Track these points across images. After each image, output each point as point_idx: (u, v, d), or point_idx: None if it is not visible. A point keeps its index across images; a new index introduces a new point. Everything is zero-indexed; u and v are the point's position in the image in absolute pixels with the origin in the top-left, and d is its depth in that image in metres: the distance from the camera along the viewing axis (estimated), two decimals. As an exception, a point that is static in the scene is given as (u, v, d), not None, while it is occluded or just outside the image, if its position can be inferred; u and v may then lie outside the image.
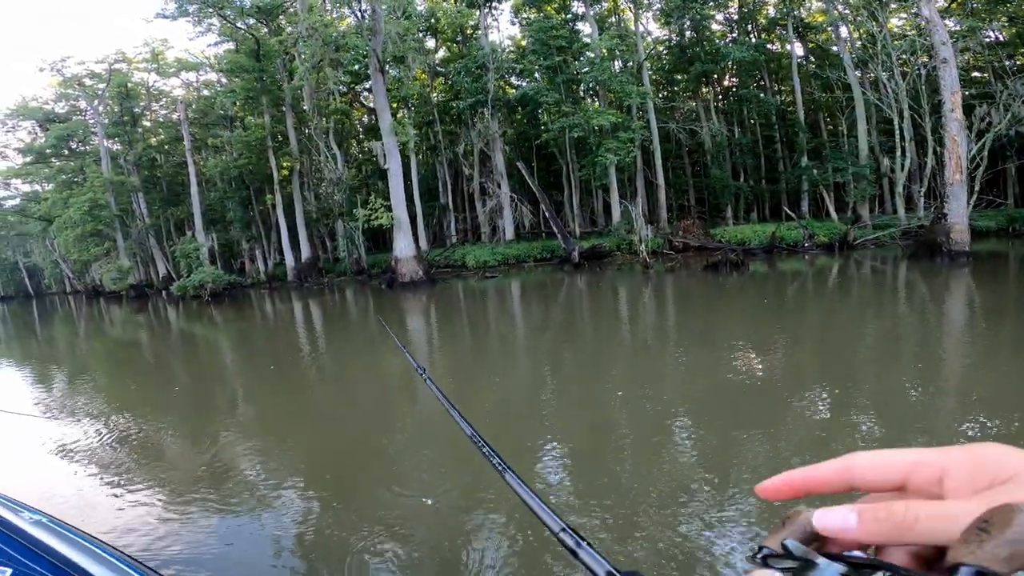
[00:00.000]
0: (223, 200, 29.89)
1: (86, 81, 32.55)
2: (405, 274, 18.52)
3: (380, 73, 19.78)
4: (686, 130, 26.32)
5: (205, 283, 22.97)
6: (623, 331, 9.48)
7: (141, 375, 9.90)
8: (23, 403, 7.40)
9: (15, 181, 42.10)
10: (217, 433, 5.53)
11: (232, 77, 28.55)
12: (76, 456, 5.02)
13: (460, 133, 26.67)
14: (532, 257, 22.21)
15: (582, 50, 25.17)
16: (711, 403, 4.88)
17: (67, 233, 30.81)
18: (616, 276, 17.93)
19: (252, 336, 13.60)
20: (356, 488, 3.88)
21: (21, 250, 53.12)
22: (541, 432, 4.58)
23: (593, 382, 5.99)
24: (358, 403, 6.13)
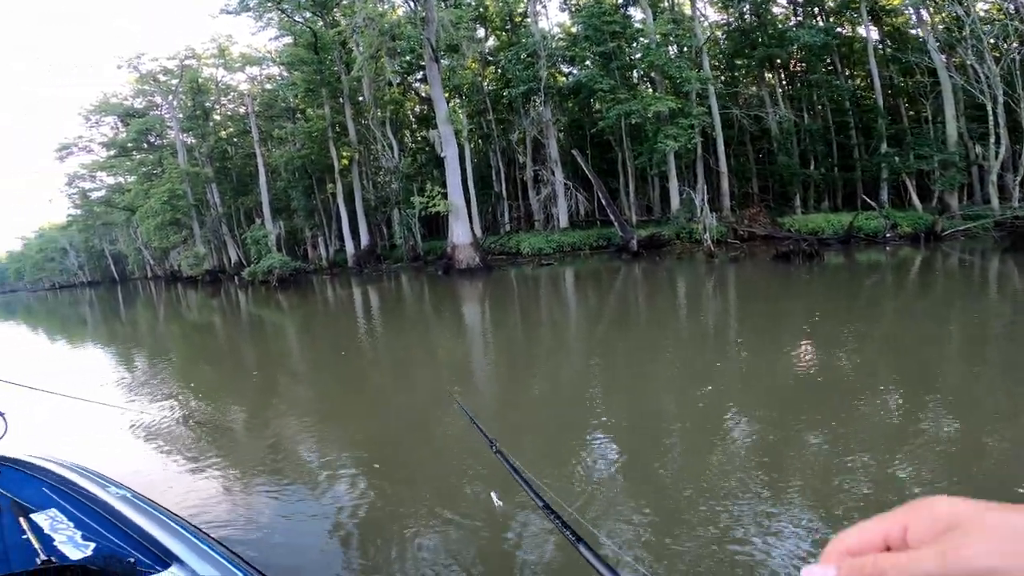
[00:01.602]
0: (287, 189, 31.22)
1: (160, 77, 34.40)
2: (462, 261, 18.69)
3: (435, 62, 19.93)
4: (750, 116, 25.10)
5: (273, 269, 24.08)
6: (687, 321, 9.18)
7: (216, 358, 10.45)
8: (108, 383, 7.87)
9: (100, 174, 45.61)
10: (283, 415, 5.73)
11: (292, 70, 29.67)
12: (154, 435, 5.27)
13: (513, 121, 26.57)
14: (588, 245, 21.91)
15: (636, 35, 24.43)
16: (775, 400, 4.59)
17: (149, 222, 33.07)
18: (677, 265, 17.37)
19: (318, 322, 14.12)
20: (411, 475, 3.88)
21: (107, 238, 57.63)
22: (591, 423, 4.45)
23: (655, 374, 5.79)
24: (416, 390, 6.16)
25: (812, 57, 24.44)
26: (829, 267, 14.00)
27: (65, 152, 43.05)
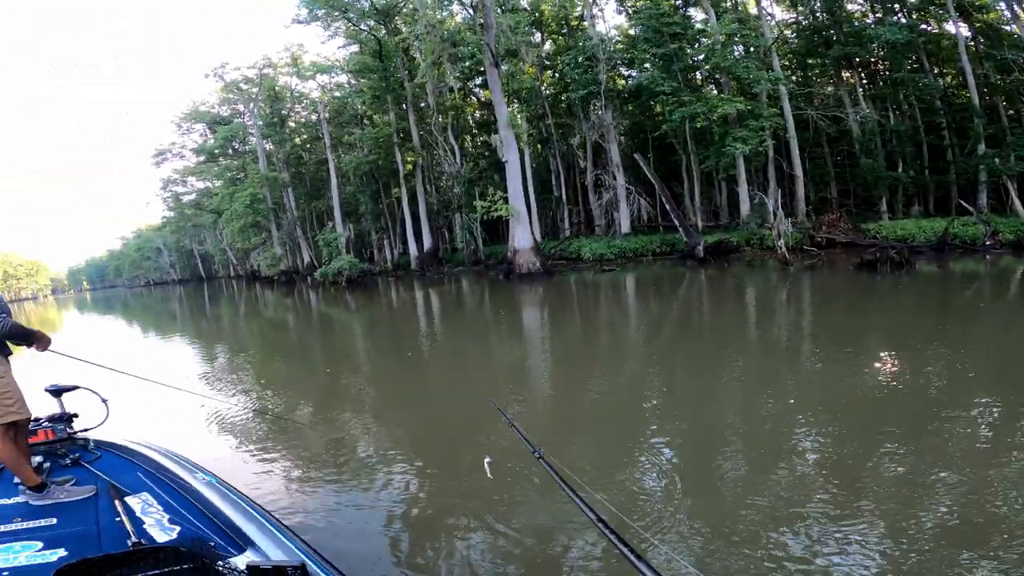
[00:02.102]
0: (356, 194, 32.61)
1: (242, 86, 36.60)
2: (522, 265, 18.80)
3: (495, 67, 20.17)
4: (827, 117, 23.68)
5: (342, 270, 25.24)
6: (758, 330, 8.76)
7: (291, 355, 10.97)
8: (193, 374, 8.41)
9: (191, 178, 49.55)
10: (350, 411, 5.92)
11: (359, 77, 30.93)
12: (232, 424, 5.59)
13: (573, 125, 26.46)
14: (650, 251, 21.43)
15: (698, 36, 23.71)
16: (853, 416, 4.22)
17: (233, 224, 35.53)
18: (747, 272, 16.64)
19: (384, 322, 14.63)
20: (467, 474, 3.91)
21: (196, 239, 62.50)
22: (647, 433, 4.29)
23: (721, 384, 5.53)
24: (475, 392, 6.19)
25: (896, 55, 22.76)
26: (920, 276, 12.94)
27: (161, 158, 47.06)
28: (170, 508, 2.29)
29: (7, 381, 2.62)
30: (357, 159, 30.43)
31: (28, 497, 2.49)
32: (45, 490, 2.49)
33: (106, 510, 2.33)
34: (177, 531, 2.11)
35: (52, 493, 2.48)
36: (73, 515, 2.33)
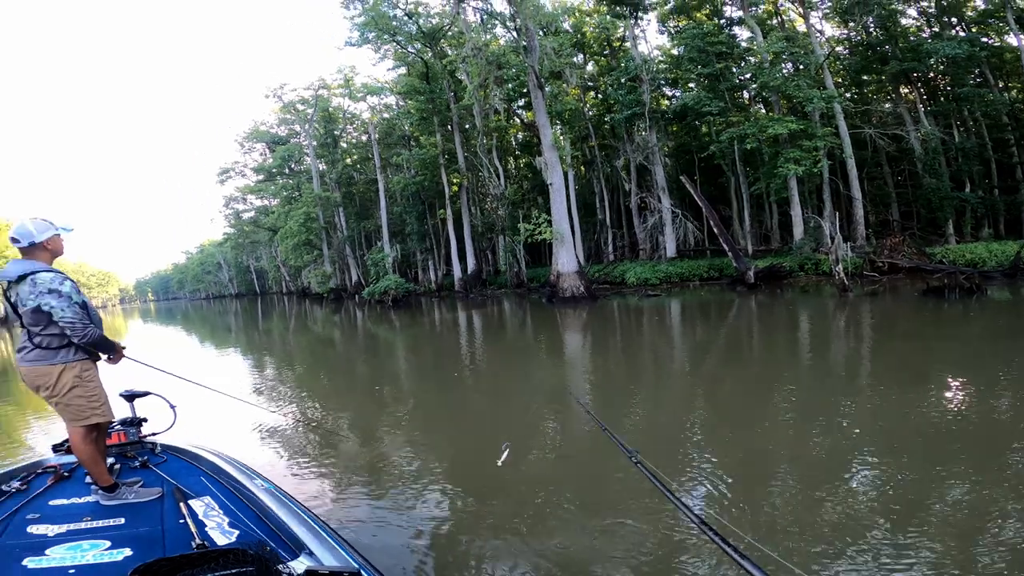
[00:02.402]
0: (403, 215, 33.44)
1: (298, 107, 38.03)
2: (566, 289, 18.74)
3: (539, 89, 20.37)
4: (886, 135, 22.70)
5: (389, 289, 25.87)
6: (814, 357, 8.40)
7: (341, 370, 11.33)
8: (249, 385, 8.86)
9: (251, 196, 52.16)
10: (398, 427, 6.13)
11: (407, 99, 31.88)
12: (286, 434, 5.90)
13: (617, 147, 26.37)
14: (698, 276, 20.96)
15: (744, 55, 23.31)
16: (916, 450, 3.97)
17: (287, 242, 37.09)
18: (801, 299, 16.02)
19: (431, 341, 14.84)
20: (503, 497, 3.94)
21: (253, 255, 65.59)
22: (688, 461, 4.16)
23: (772, 412, 5.31)
24: (517, 414, 6.23)
25: (957, 69, 21.67)
26: (992, 303, 12.12)
27: (224, 176, 49.79)
28: (230, 512, 2.37)
29: (95, 385, 2.77)
30: (405, 180, 31.23)
31: (99, 497, 2.60)
32: (116, 491, 2.61)
33: (171, 512, 2.43)
34: (236, 535, 2.18)
35: (122, 494, 2.60)
36: (140, 516, 2.42)
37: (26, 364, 2.68)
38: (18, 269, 2.66)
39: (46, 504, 2.56)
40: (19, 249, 2.73)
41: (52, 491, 2.72)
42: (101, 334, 2.76)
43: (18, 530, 2.27)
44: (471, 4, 23.53)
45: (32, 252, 2.72)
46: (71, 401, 2.67)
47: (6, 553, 2.05)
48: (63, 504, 2.58)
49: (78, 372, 2.69)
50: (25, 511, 2.45)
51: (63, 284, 2.64)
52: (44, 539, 2.19)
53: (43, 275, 2.63)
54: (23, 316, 2.68)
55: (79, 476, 2.86)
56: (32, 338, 2.66)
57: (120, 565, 1.97)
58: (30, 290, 2.62)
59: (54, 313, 2.60)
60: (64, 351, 2.67)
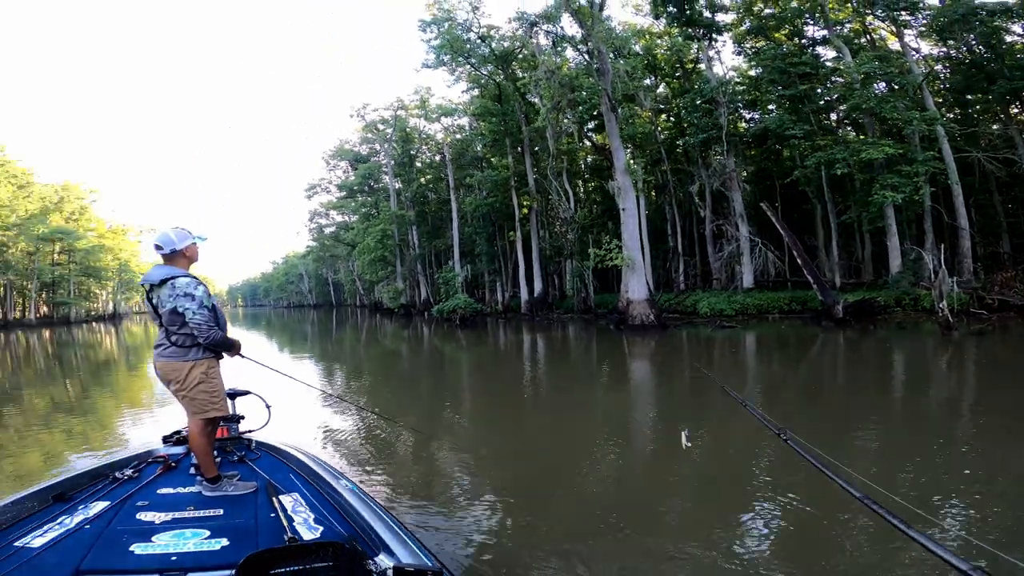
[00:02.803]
0: (473, 235, 34.06)
1: (379, 126, 39.57)
2: (635, 316, 18.30)
3: (612, 112, 20.19)
4: (997, 159, 20.54)
5: (458, 308, 26.42)
6: (908, 399, 7.78)
7: (411, 382, 11.78)
8: (337, 388, 9.47)
9: (333, 212, 55.32)
10: (467, 439, 6.37)
11: (479, 120, 32.61)
12: (357, 438, 6.28)
13: (691, 172, 25.59)
14: (777, 308, 19.77)
15: (830, 75, 21.99)
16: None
17: (364, 257, 38.89)
18: (897, 336, 14.77)
19: (500, 361, 15.08)
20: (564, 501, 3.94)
21: (332, 268, 69.34)
22: (750, 506, 3.81)
23: (866, 456, 4.81)
24: (587, 435, 6.13)
25: None
26: None
27: (312, 191, 53.25)
28: (315, 509, 2.48)
29: (218, 382, 3.01)
30: (476, 200, 31.79)
31: (202, 488, 2.78)
32: (218, 483, 2.78)
33: (264, 506, 2.55)
34: (320, 531, 2.27)
35: (222, 486, 2.77)
36: (237, 508, 2.56)
37: (162, 359, 2.95)
38: (160, 274, 2.93)
39: (154, 492, 2.75)
40: (161, 255, 3.00)
41: (160, 480, 2.92)
42: (223, 336, 3.00)
43: (129, 517, 2.43)
44: (543, 28, 23.90)
45: (172, 258, 3.00)
46: (196, 395, 2.91)
47: (117, 538, 2.21)
48: (169, 493, 2.76)
49: (204, 369, 2.94)
50: (136, 498, 2.64)
51: (197, 288, 2.90)
52: (151, 526, 2.34)
53: (181, 280, 2.89)
54: (162, 316, 2.93)
55: (184, 466, 3.08)
56: (169, 336, 2.93)
57: (218, 554, 2.09)
58: (169, 293, 2.88)
59: (187, 315, 2.86)
60: (195, 349, 2.93)
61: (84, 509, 2.49)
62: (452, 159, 34.22)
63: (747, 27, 24.82)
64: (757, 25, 24.17)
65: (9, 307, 52.47)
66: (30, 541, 2.16)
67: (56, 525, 2.31)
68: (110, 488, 2.77)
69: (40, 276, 51.71)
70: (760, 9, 24.27)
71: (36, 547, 2.12)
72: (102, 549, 2.12)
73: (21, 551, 2.08)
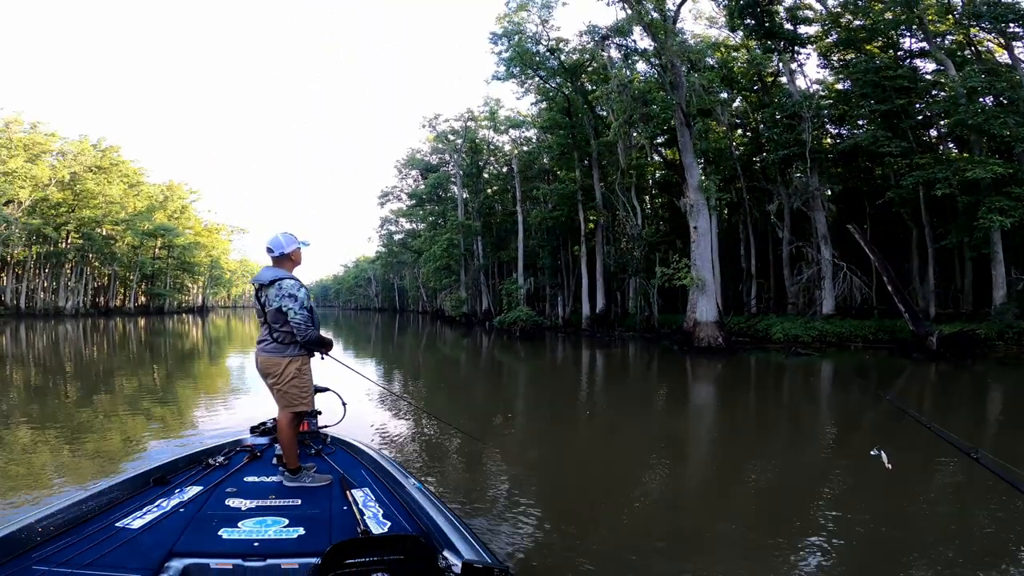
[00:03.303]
0: (537, 248, 34.10)
1: (449, 137, 40.40)
2: (702, 339, 17.56)
3: (686, 127, 19.59)
4: None
5: (519, 320, 26.49)
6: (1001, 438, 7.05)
7: (474, 389, 11.93)
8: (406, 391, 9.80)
9: (402, 220, 57.24)
10: (529, 448, 6.47)
11: (548, 133, 32.63)
12: (425, 439, 6.57)
13: (769, 190, 24.33)
14: (860, 337, 18.33)
15: (930, 89, 20.25)
16: None
17: (430, 265, 39.89)
18: (997, 372, 13.41)
19: (553, 375, 14.97)
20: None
21: (398, 274, 71.71)
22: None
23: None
24: (639, 461, 5.87)
25: None
26: None
27: (384, 199, 55.31)
28: (383, 504, 2.59)
29: (309, 379, 3.20)
30: (542, 213, 31.83)
31: (283, 478, 2.93)
32: (298, 474, 2.94)
33: (338, 499, 2.68)
34: (388, 526, 2.36)
35: (301, 477, 2.93)
36: (313, 499, 2.70)
37: (264, 354, 3.16)
38: (269, 275, 3.15)
39: (241, 480, 2.94)
40: (271, 258, 3.24)
41: (247, 469, 3.12)
42: (318, 335, 3.19)
43: (218, 502, 2.60)
44: (613, 41, 23.68)
45: (280, 261, 3.23)
46: (288, 389, 3.09)
47: (207, 522, 2.36)
48: (254, 481, 2.94)
49: (299, 365, 3.14)
50: (225, 485, 2.82)
51: (299, 290, 3.11)
52: (238, 512, 2.50)
53: (287, 281, 3.11)
54: (268, 314, 3.14)
55: (268, 456, 3.29)
56: (272, 333, 3.13)
57: (295, 542, 2.22)
58: (276, 293, 3.08)
59: (289, 314, 3.05)
60: (292, 347, 3.12)
61: (180, 493, 2.67)
62: (519, 171, 34.50)
63: (834, 39, 23.43)
64: (846, 37, 22.76)
65: (112, 295, 58.28)
66: (131, 522, 2.33)
67: (154, 508, 2.49)
68: (204, 474, 2.98)
69: (142, 268, 57.09)
70: (848, 21, 22.85)
71: (135, 528, 2.28)
72: (194, 533, 2.27)
73: (121, 532, 2.24)
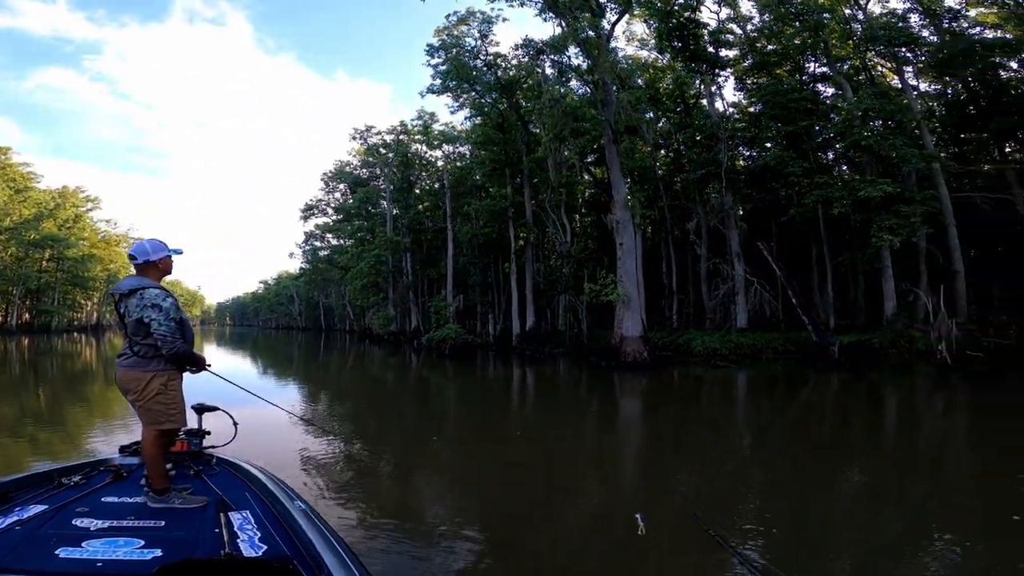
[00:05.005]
0: (467, 265, 33.78)
1: (381, 150, 39.42)
2: (629, 353, 17.91)
3: (614, 144, 20.19)
4: (991, 199, 20.66)
5: (448, 338, 25.95)
6: (896, 445, 7.88)
7: (387, 410, 11.47)
8: (312, 413, 9.52)
9: (328, 235, 55.04)
10: (432, 471, 6.40)
11: (480, 148, 32.68)
12: (322, 461, 6.33)
13: (690, 208, 25.60)
14: (771, 348, 19.47)
15: (830, 112, 22.34)
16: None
17: (356, 282, 38.45)
18: (891, 379, 14.68)
19: (482, 394, 14.69)
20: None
21: (323, 292, 68.72)
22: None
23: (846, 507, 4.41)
24: (554, 479, 5.72)
25: None
26: None
27: (308, 212, 52.79)
28: (263, 528, 2.47)
29: (177, 395, 3.02)
30: (473, 229, 31.58)
31: (148, 499, 2.76)
32: (165, 495, 2.77)
33: (209, 521, 2.54)
34: (264, 549, 2.26)
35: (169, 499, 2.76)
36: (181, 521, 2.55)
37: (123, 369, 2.98)
38: (130, 283, 2.98)
39: (98, 499, 2.76)
40: (134, 265, 3.05)
41: (108, 489, 2.93)
42: (187, 349, 3.01)
43: (63, 521, 2.43)
44: (549, 57, 24.17)
45: (145, 269, 3.05)
46: (152, 406, 2.93)
47: (43, 541, 2.20)
48: (113, 501, 2.76)
49: (164, 381, 2.96)
50: (77, 504, 2.63)
51: (165, 300, 2.92)
52: (85, 532, 2.32)
53: (150, 291, 2.92)
54: (128, 326, 2.96)
55: (136, 477, 3.07)
56: (132, 346, 2.96)
57: (147, 564, 2.07)
58: (137, 303, 2.90)
59: (152, 325, 2.87)
60: (156, 361, 2.94)
61: (20, 512, 2.49)
62: (451, 186, 34.19)
63: (750, 63, 25.09)
64: (760, 61, 24.44)
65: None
66: None
67: None
68: (52, 492, 2.78)
69: (26, 283, 50.90)
70: (763, 45, 24.56)
71: None
72: (26, 550, 2.11)
73: None
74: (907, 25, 21.66)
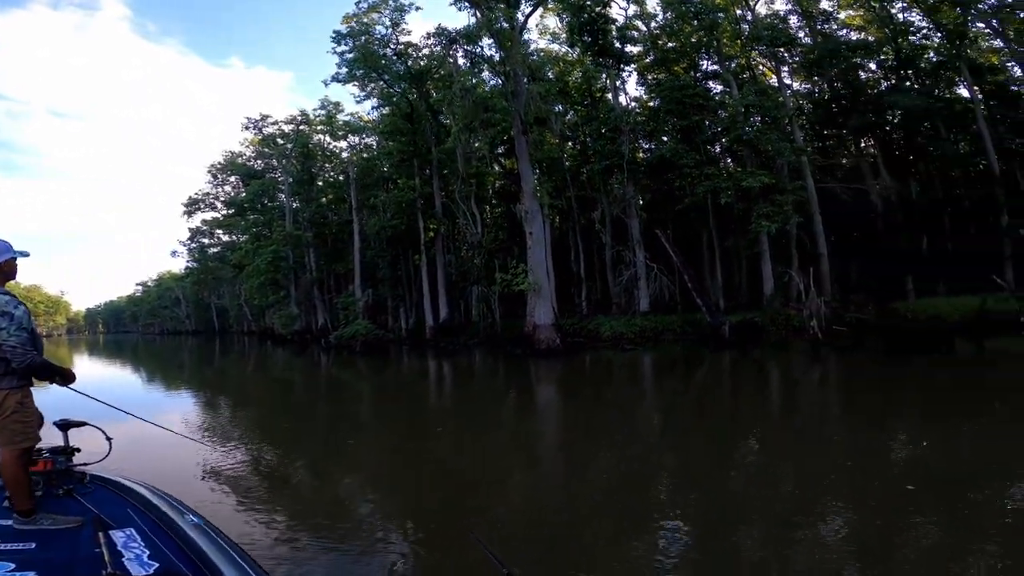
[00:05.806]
0: (376, 259, 32.59)
1: (278, 140, 36.95)
2: (541, 341, 18.35)
3: (524, 135, 20.48)
4: (850, 189, 23.68)
5: (358, 335, 24.98)
6: (782, 414, 8.71)
7: (296, 415, 10.85)
8: (188, 424, 8.77)
9: (219, 231, 50.57)
10: (334, 475, 6.20)
11: (388, 139, 31.69)
12: (224, 472, 5.99)
13: (595, 198, 26.63)
14: (671, 330, 20.90)
15: (718, 108, 24.33)
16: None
17: (253, 280, 35.79)
18: (773, 354, 16.31)
19: (395, 391, 14.35)
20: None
21: (215, 292, 63.23)
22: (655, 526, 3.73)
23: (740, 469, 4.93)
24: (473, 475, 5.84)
25: (912, 122, 23.00)
26: (964, 358, 12.52)
27: (193, 207, 47.91)
28: (152, 545, 2.33)
29: (32, 410, 2.79)
30: (381, 222, 30.51)
31: (14, 521, 2.57)
32: (32, 516, 2.58)
33: (87, 541, 2.39)
34: (156, 567, 2.15)
35: (38, 520, 2.58)
36: (53, 542, 2.41)
37: None
38: None
39: None
40: None
41: None
42: (42, 361, 2.78)
43: None
44: (462, 47, 23.88)
45: None
46: (9, 426, 2.69)
47: None
48: None
49: (20, 398, 2.73)
50: None
51: (16, 308, 2.67)
52: None
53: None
54: None
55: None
56: None
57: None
58: None
59: (1, 335, 2.61)
60: (9, 377, 2.69)
61: None
62: (357, 178, 32.77)
63: (651, 59, 26.53)
64: (661, 57, 25.92)
65: None
66: None
67: None
68: None
69: None
70: (664, 43, 26.05)
71: None
72: None
73: None
74: (787, 26, 24.08)
